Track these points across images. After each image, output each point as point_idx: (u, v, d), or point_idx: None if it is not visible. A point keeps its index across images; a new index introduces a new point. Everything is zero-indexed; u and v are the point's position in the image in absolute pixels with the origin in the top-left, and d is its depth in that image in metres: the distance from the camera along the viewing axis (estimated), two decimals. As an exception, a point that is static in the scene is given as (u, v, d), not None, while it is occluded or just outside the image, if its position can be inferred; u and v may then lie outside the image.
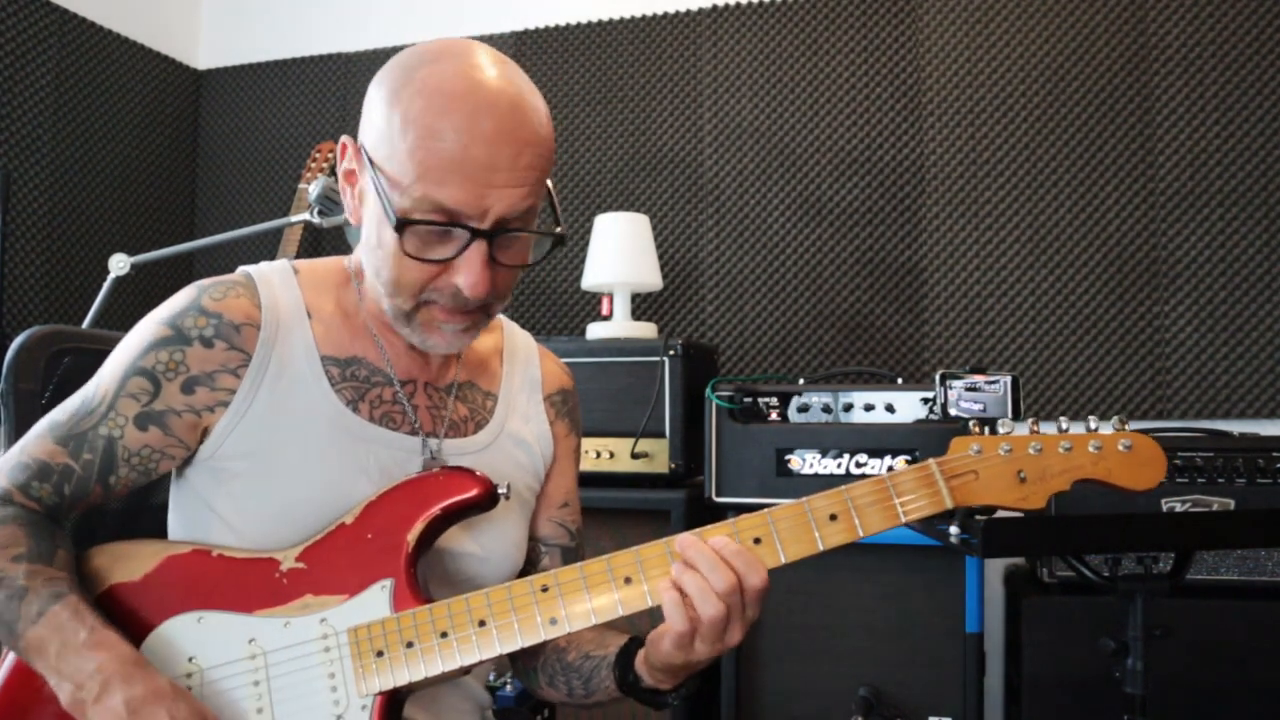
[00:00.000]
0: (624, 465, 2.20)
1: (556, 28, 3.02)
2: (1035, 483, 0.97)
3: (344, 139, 1.03)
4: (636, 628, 1.08)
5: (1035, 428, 1.00)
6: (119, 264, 2.25)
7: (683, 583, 0.93)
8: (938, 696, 1.96)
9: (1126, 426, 0.99)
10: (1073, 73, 2.59)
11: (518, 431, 1.18)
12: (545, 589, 0.97)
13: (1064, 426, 1.00)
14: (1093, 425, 0.99)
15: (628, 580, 0.97)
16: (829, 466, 2.02)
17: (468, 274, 0.96)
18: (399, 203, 0.94)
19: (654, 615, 0.95)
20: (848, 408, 2.05)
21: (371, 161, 0.97)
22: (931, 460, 0.98)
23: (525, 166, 0.95)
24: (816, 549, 0.96)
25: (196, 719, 0.91)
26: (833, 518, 0.96)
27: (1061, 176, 2.58)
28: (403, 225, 0.94)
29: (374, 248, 1.00)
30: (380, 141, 0.96)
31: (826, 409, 2.06)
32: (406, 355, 1.11)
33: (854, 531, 0.97)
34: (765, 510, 0.97)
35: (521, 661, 1.20)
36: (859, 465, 2.00)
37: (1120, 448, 0.97)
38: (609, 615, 0.96)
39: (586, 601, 0.96)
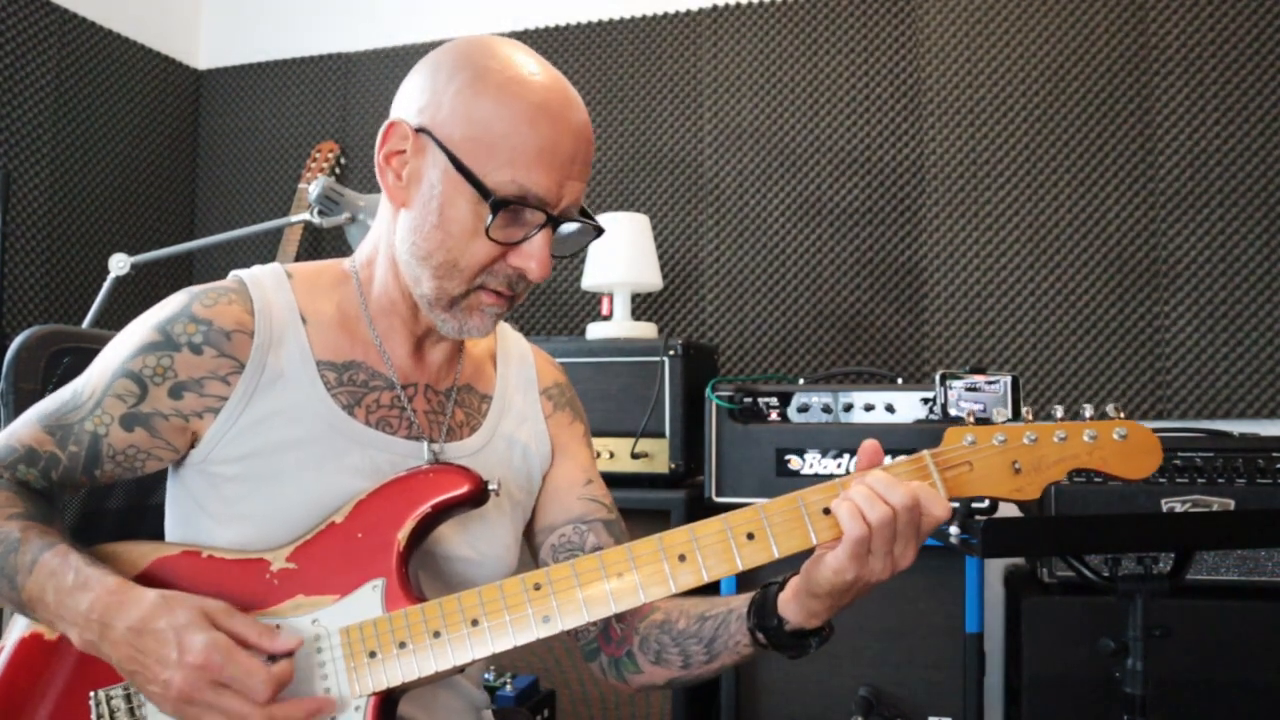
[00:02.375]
0: (624, 465, 2.20)
1: (556, 28, 3.02)
2: (1030, 473, 0.97)
3: (395, 120, 1.02)
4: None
5: (1029, 417, 0.99)
6: (119, 264, 2.25)
7: (852, 491, 0.94)
8: (938, 696, 1.96)
9: (1122, 415, 0.98)
10: (1073, 73, 2.59)
11: (511, 433, 1.17)
12: (538, 586, 0.96)
13: (1058, 416, 0.99)
14: (1087, 414, 0.99)
15: (620, 575, 0.96)
16: (829, 466, 2.01)
17: (538, 258, 0.99)
18: (488, 184, 0.97)
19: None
20: (848, 408, 2.05)
21: (442, 143, 0.98)
22: (926, 451, 0.97)
23: (587, 161, 1.02)
24: (810, 543, 0.96)
25: (196, 614, 0.91)
26: (826, 511, 0.95)
27: (1061, 176, 2.58)
28: (499, 205, 0.96)
29: (431, 228, 0.99)
30: (457, 125, 0.97)
31: (826, 409, 2.06)
32: (408, 358, 1.10)
33: None
34: (757, 504, 0.96)
35: (607, 653, 1.16)
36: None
37: (1115, 436, 0.96)
38: (602, 611, 0.96)
39: (579, 597, 0.96)
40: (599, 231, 1.07)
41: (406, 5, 3.19)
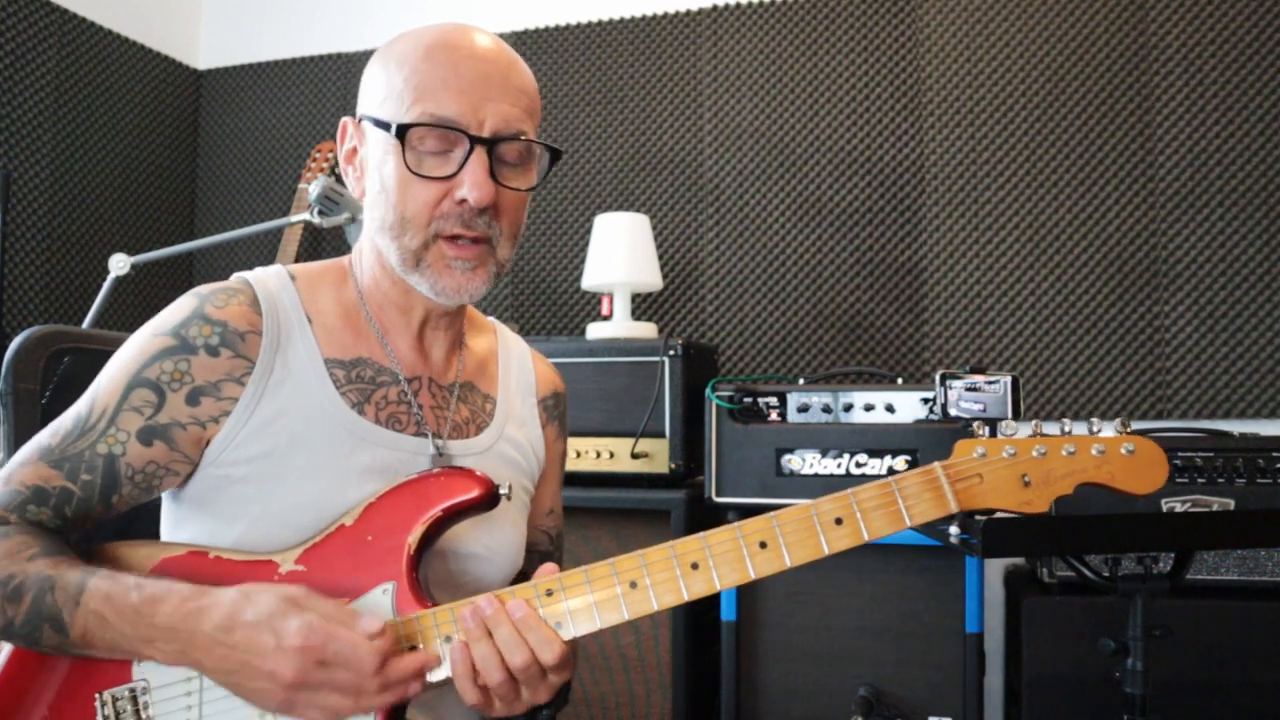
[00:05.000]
0: (624, 465, 2.20)
1: (556, 28, 3.02)
2: (1039, 486, 0.98)
3: (344, 120, 1.09)
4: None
5: (1039, 429, 0.99)
6: (119, 264, 2.25)
7: (474, 652, 0.92)
8: (938, 696, 1.96)
9: (1129, 429, 0.99)
10: (1073, 73, 2.59)
11: (514, 435, 1.19)
12: (550, 592, 0.96)
13: (1067, 428, 0.99)
14: (1095, 427, 0.99)
15: (633, 584, 0.96)
16: (829, 466, 2.01)
17: (471, 180, 0.98)
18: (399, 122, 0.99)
19: (655, 619, 0.95)
20: (848, 408, 2.05)
21: (371, 118, 1.03)
22: (937, 464, 0.98)
23: (517, 88, 1.02)
24: (822, 553, 0.96)
25: (280, 600, 0.89)
26: (838, 521, 0.96)
27: (1061, 176, 2.58)
28: (403, 130, 0.99)
29: (377, 195, 1.03)
30: (376, 95, 1.04)
31: (826, 409, 2.06)
32: (411, 351, 1.11)
33: (859, 535, 0.96)
34: (771, 514, 0.97)
35: None
36: (859, 465, 2.00)
37: (1123, 451, 0.97)
38: (614, 619, 0.95)
39: (591, 605, 0.95)
40: (554, 153, 1.07)
41: (406, 5, 3.19)
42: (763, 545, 0.96)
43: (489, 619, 0.92)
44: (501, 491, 1.01)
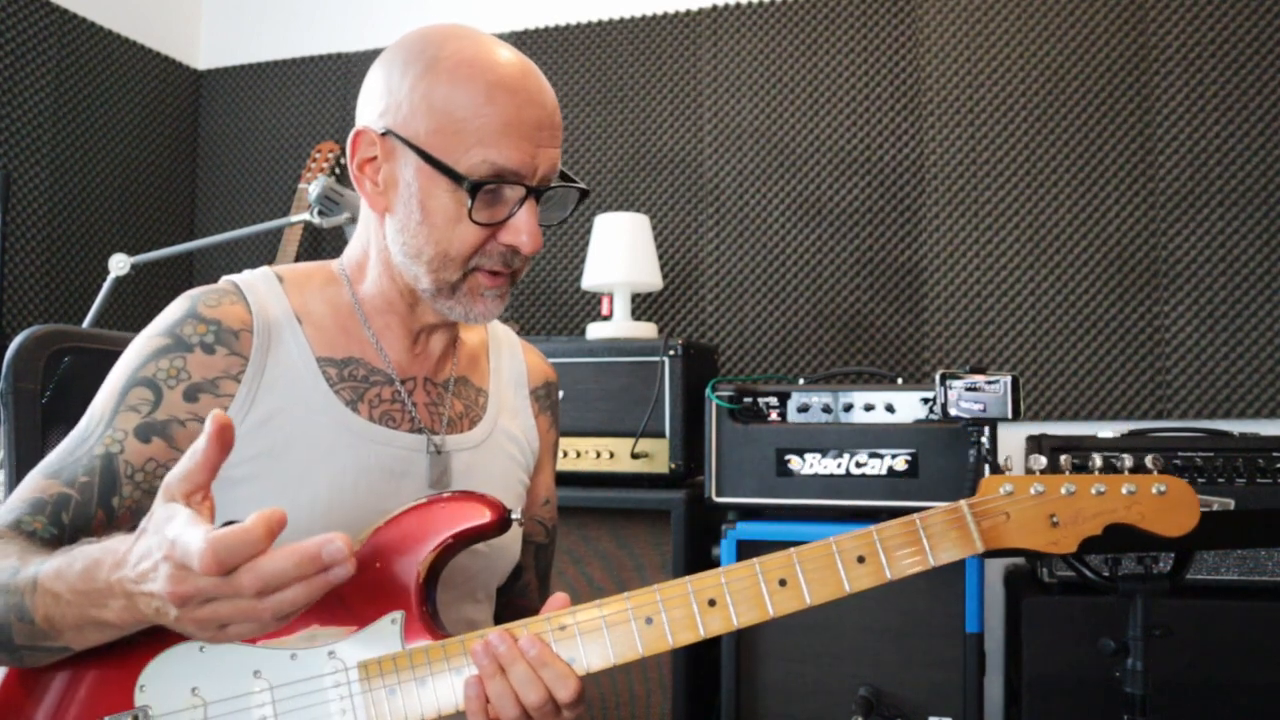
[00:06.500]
0: (624, 465, 2.20)
1: (556, 28, 3.02)
2: (1067, 526, 0.94)
3: (360, 129, 1.03)
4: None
5: (1066, 467, 0.96)
6: (119, 264, 2.25)
7: (488, 689, 0.89)
8: (938, 696, 1.95)
9: (1158, 470, 0.97)
10: (1073, 73, 2.59)
11: (508, 427, 1.19)
12: (563, 627, 0.93)
13: (1095, 466, 0.96)
14: (1126, 463, 0.97)
15: (649, 620, 0.93)
16: (829, 466, 2.01)
17: (527, 230, 1.00)
18: (460, 169, 0.97)
19: (675, 655, 0.94)
20: (848, 408, 2.05)
21: (408, 141, 0.99)
22: (963, 501, 0.95)
23: (558, 126, 1.03)
24: (843, 591, 0.94)
25: (149, 528, 0.79)
26: (860, 560, 0.94)
27: (1061, 176, 2.58)
28: (476, 188, 0.97)
29: (417, 225, 1.00)
30: (420, 120, 0.98)
31: (826, 409, 2.06)
32: (406, 353, 1.11)
33: (882, 575, 0.94)
34: (791, 550, 0.95)
35: None
36: (859, 465, 2.00)
37: (1154, 491, 0.94)
38: (629, 656, 0.93)
39: (605, 641, 0.93)
40: (583, 194, 1.08)
41: (406, 5, 3.19)
42: (782, 583, 0.94)
43: (502, 656, 0.89)
44: (514, 517, 0.99)
